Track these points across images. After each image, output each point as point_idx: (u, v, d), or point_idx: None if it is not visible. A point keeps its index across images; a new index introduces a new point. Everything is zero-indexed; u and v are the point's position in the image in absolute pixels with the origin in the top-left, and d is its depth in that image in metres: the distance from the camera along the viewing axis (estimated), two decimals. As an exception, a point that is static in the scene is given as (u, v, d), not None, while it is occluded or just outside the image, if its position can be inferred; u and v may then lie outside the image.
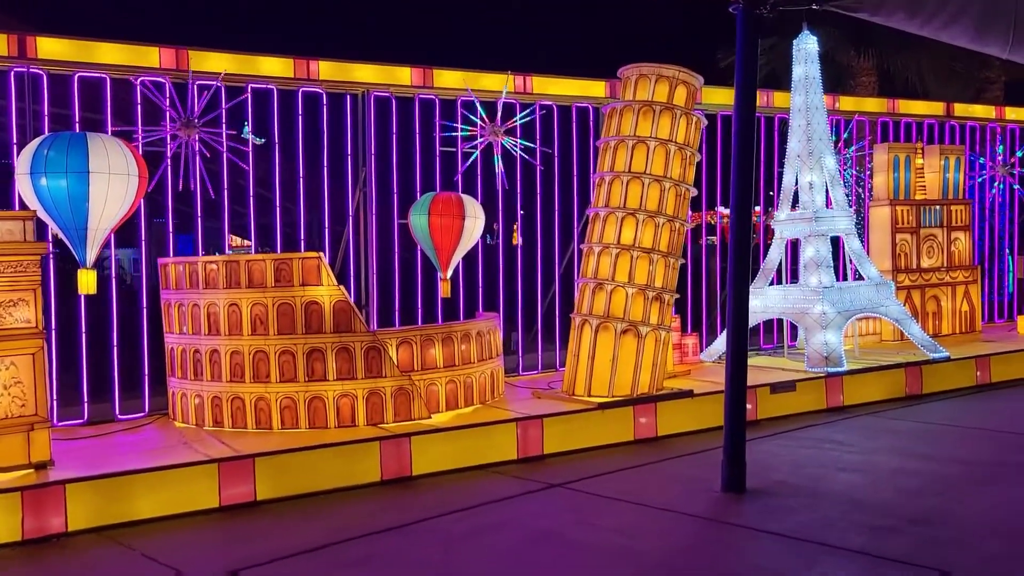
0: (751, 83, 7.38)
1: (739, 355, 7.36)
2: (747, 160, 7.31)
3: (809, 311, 11.52)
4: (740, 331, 7.40)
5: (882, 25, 17.09)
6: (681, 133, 9.75)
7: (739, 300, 7.38)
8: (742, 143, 7.33)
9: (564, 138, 11.89)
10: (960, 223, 15.06)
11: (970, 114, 16.08)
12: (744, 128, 7.33)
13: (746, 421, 7.53)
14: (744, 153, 7.32)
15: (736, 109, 7.37)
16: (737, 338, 7.38)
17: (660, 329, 9.77)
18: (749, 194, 7.43)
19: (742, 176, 7.29)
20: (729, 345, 7.46)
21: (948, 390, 11.70)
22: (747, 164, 7.31)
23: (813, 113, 12.07)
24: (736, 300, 7.37)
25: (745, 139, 7.32)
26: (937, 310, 14.77)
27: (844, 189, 14.13)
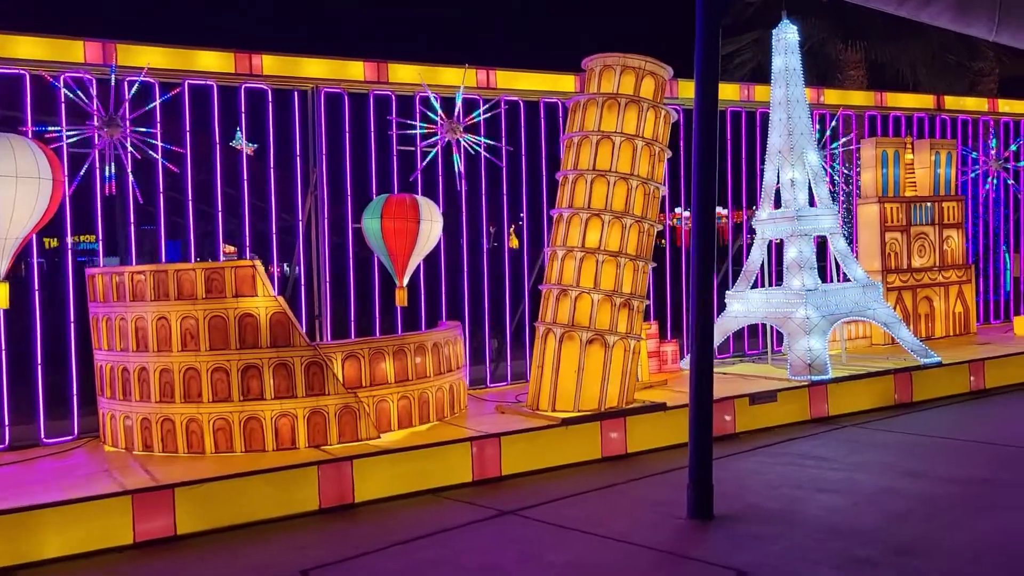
0: (711, 73, 6.75)
1: (703, 368, 6.72)
2: (709, 157, 6.67)
3: (792, 315, 10.87)
4: (704, 341, 6.75)
5: (870, 15, 16.49)
6: (649, 127, 9.11)
7: (702, 307, 6.74)
8: (703, 139, 6.70)
9: (532, 135, 11.26)
10: (953, 220, 14.42)
11: (962, 107, 15.45)
12: (705, 122, 6.70)
13: (712, 440, 6.85)
14: (706, 150, 6.68)
15: (697, 102, 6.74)
16: (701, 349, 6.74)
17: (629, 338, 9.12)
18: (712, 193, 6.79)
19: (704, 173, 6.65)
20: (692, 357, 6.81)
21: (940, 397, 11.06)
22: (709, 161, 6.67)
23: (794, 106, 11.43)
24: (699, 308, 6.73)
25: (706, 134, 6.69)
26: (930, 312, 14.14)
27: (829, 186, 13.53)
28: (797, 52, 11.58)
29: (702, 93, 6.70)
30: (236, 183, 9.70)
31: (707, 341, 6.80)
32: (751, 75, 18.68)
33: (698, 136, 6.68)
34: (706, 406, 6.78)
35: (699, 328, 6.73)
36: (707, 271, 6.74)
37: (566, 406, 8.84)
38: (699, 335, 6.73)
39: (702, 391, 6.74)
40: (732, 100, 12.93)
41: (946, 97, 15.27)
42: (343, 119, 10.02)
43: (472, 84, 10.53)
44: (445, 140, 10.00)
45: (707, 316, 6.81)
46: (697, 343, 6.75)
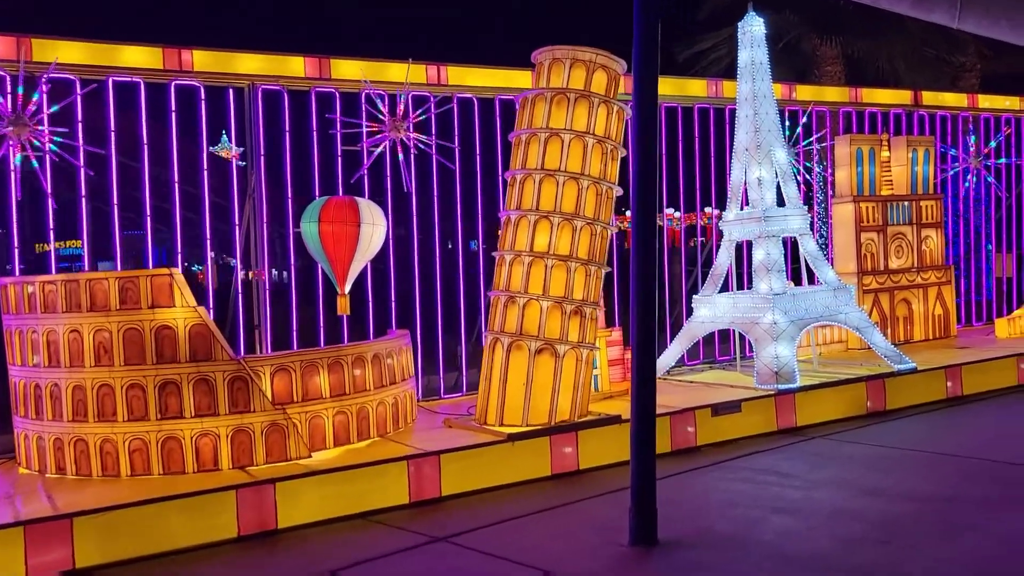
0: (649, 71, 6.26)
1: (644, 380, 6.23)
2: (648, 158, 6.18)
3: (759, 321, 10.39)
4: (645, 352, 6.25)
5: (845, 8, 16.00)
6: (600, 124, 8.62)
7: (644, 314, 6.24)
8: (642, 139, 6.22)
9: (487, 134, 10.76)
10: (931, 220, 13.96)
11: (940, 103, 14.99)
12: (644, 121, 6.21)
13: (655, 459, 6.36)
14: (645, 150, 6.19)
15: (635, 95, 6.25)
16: (642, 361, 6.24)
17: (582, 347, 8.63)
18: (652, 195, 6.29)
19: (644, 175, 6.17)
20: (634, 368, 6.32)
21: (915, 405, 10.58)
22: (649, 162, 6.18)
23: (761, 102, 10.95)
24: (640, 314, 6.23)
25: (645, 134, 6.21)
26: (908, 314, 13.67)
27: (802, 186, 13.06)
28: (764, 45, 11.11)
29: (640, 91, 6.21)
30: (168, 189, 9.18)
31: (648, 348, 6.29)
32: (726, 71, 18.19)
33: (636, 136, 6.19)
34: (648, 422, 6.30)
35: (640, 334, 6.23)
36: (648, 275, 6.25)
37: (514, 420, 8.33)
38: (640, 341, 6.24)
39: (644, 405, 6.26)
40: (700, 96, 12.46)
41: (924, 92, 14.81)
42: (282, 118, 9.51)
43: (421, 80, 10.03)
44: (390, 139, 9.47)
45: (648, 321, 6.31)
46: (638, 351, 6.25)
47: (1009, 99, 15.92)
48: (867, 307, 13.14)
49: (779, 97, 13.06)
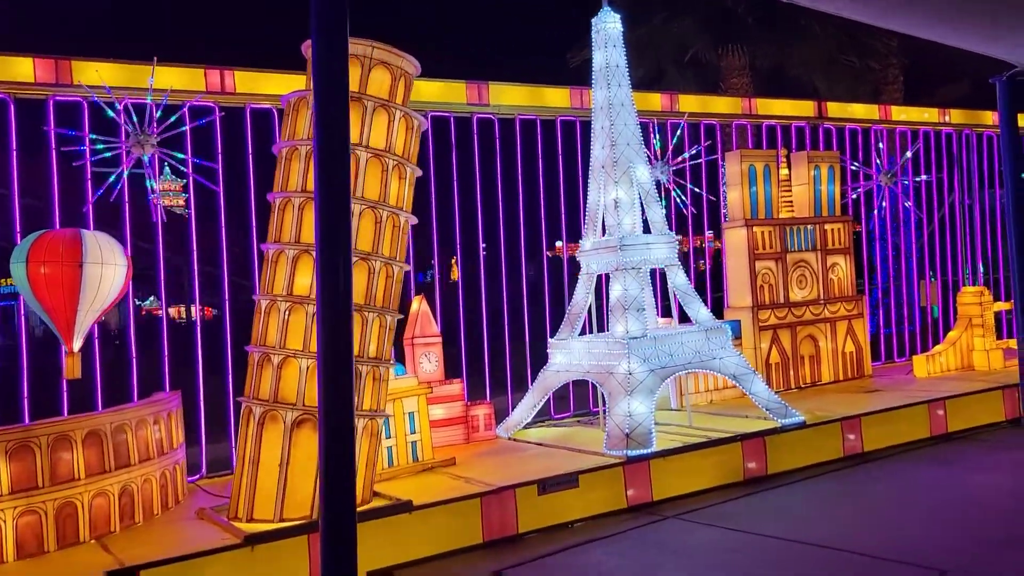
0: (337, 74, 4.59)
1: (336, 452, 4.48)
2: (337, 187, 4.48)
3: (614, 370, 8.66)
4: (336, 414, 4.51)
5: (743, 12, 14.44)
6: (379, 134, 6.86)
7: (334, 370, 4.49)
8: (325, 162, 4.53)
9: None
10: (838, 245, 12.39)
11: (848, 114, 13.49)
12: (327, 140, 4.54)
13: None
14: (330, 179, 4.50)
15: (316, 123, 4.57)
16: (331, 421, 4.50)
17: (375, 416, 6.84)
18: (344, 228, 4.59)
19: (329, 208, 4.46)
20: (321, 437, 4.57)
21: (804, 467, 8.88)
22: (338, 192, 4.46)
23: (618, 111, 9.30)
24: (329, 370, 4.49)
25: (329, 158, 4.52)
26: (815, 353, 12.04)
27: (687, 207, 11.43)
28: (621, 45, 9.47)
29: (321, 110, 4.54)
30: None
31: (342, 414, 4.55)
32: (635, 84, 16.65)
33: (319, 155, 4.49)
34: (341, 515, 4.54)
35: (329, 396, 4.50)
36: (342, 322, 4.53)
37: (265, 514, 6.49)
38: (328, 405, 4.51)
39: (333, 492, 4.50)
40: (562, 108, 10.80)
41: (829, 103, 13.29)
42: (9, 132, 7.69)
43: (198, 87, 8.26)
44: (132, 157, 7.65)
45: (342, 381, 4.58)
46: (326, 417, 4.53)
47: (928, 111, 14.50)
48: (765, 346, 11.51)
49: (659, 109, 11.53)
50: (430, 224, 9.94)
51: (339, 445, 4.57)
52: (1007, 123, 9.57)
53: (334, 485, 4.55)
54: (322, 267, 4.58)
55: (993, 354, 12.37)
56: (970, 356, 12.54)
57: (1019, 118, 15.48)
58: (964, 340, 12.54)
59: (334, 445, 4.55)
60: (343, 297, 4.62)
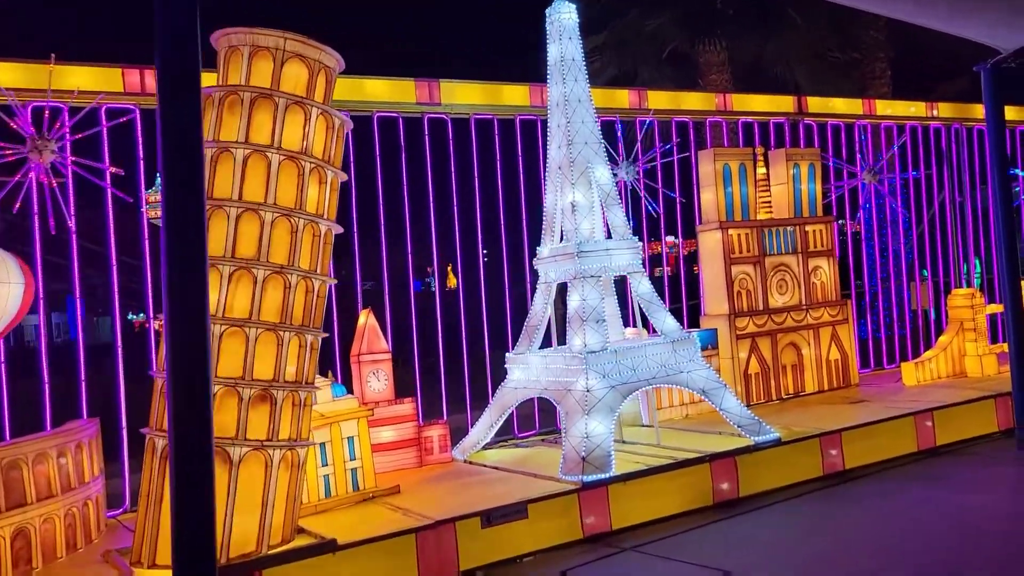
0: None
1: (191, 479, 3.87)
2: (189, 193, 3.83)
3: (572, 387, 8.02)
4: (188, 448, 3.89)
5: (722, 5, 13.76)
6: (294, 135, 6.22)
7: (183, 393, 3.87)
8: (171, 164, 3.87)
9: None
10: (821, 247, 11.73)
11: (830, 109, 12.84)
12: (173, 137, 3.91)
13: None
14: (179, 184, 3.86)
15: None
16: (183, 461, 3.87)
17: (295, 445, 6.19)
18: (200, 243, 3.94)
19: (180, 216, 3.80)
20: (172, 464, 3.94)
21: (781, 487, 8.23)
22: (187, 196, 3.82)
23: (575, 108, 8.67)
24: (177, 395, 3.88)
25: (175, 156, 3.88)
26: (797, 361, 11.38)
27: (656, 210, 10.78)
28: (577, 37, 8.85)
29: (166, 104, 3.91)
30: None
31: (196, 450, 3.93)
32: (610, 84, 16.04)
33: (162, 150, 3.86)
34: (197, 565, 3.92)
35: (181, 431, 3.88)
36: (194, 345, 3.91)
37: (169, 559, 5.84)
38: (180, 441, 3.89)
39: (185, 540, 3.88)
40: (521, 106, 10.16)
41: (809, 98, 12.65)
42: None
43: (103, 88, 7.62)
44: (34, 164, 6.99)
45: (196, 411, 3.95)
46: (176, 453, 3.90)
47: (914, 104, 13.84)
48: (744, 356, 10.86)
49: (627, 106, 10.90)
50: (378, 232, 9.32)
51: (192, 489, 3.92)
52: (992, 114, 8.95)
53: (187, 533, 3.91)
54: (169, 280, 3.95)
55: (986, 359, 11.70)
56: (962, 362, 11.88)
57: (1011, 111, 14.97)
58: (955, 345, 11.88)
59: (187, 490, 3.90)
60: (195, 315, 3.99)
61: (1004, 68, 8.94)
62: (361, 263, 9.25)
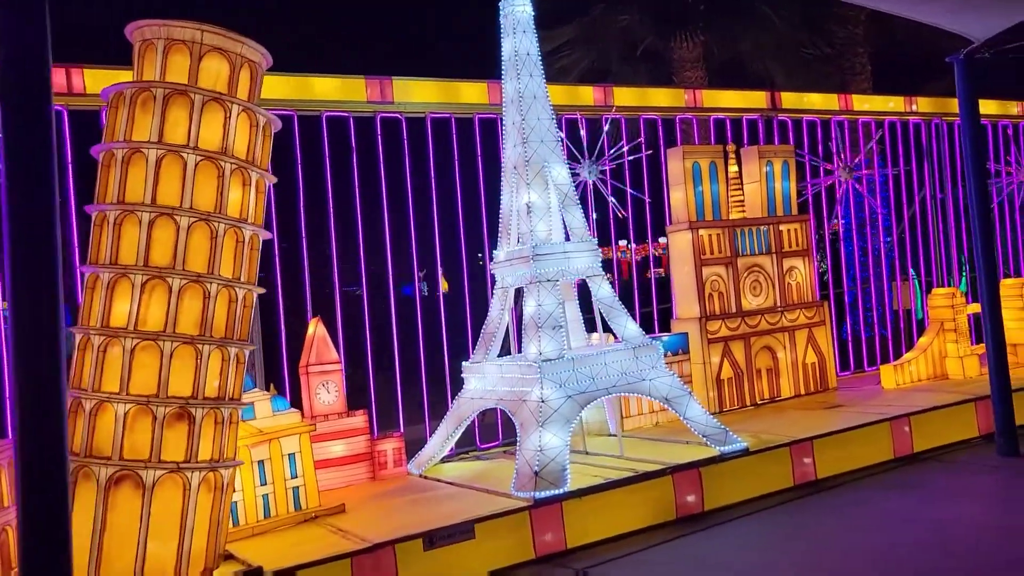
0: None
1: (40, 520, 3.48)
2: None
3: (527, 397, 7.62)
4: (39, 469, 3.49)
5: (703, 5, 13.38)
6: (213, 134, 5.82)
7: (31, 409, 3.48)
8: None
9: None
10: (797, 246, 11.35)
11: (805, 105, 12.48)
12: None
13: None
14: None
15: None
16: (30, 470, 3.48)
17: (217, 467, 5.78)
18: (52, 254, 3.53)
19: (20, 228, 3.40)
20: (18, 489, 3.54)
21: (749, 499, 7.84)
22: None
23: (530, 105, 8.28)
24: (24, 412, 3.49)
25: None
26: (772, 366, 10.99)
27: (620, 210, 10.39)
28: (532, 31, 8.46)
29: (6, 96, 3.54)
30: None
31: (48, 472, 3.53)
32: (582, 79, 15.67)
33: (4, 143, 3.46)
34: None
35: (27, 450, 3.49)
36: (45, 360, 3.50)
37: (85, 593, 5.43)
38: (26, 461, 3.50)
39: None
40: (480, 104, 9.76)
41: (783, 93, 12.28)
42: None
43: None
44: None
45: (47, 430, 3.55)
46: (23, 475, 3.51)
47: (893, 99, 13.48)
48: (716, 360, 10.47)
49: (592, 103, 10.52)
50: (328, 235, 8.92)
51: (45, 520, 3.51)
52: (967, 107, 8.58)
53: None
54: (13, 290, 3.54)
55: (968, 360, 11.33)
56: (943, 363, 11.51)
57: (994, 105, 14.63)
58: (936, 346, 11.51)
59: (37, 522, 3.49)
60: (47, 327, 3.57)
61: (978, 59, 8.58)
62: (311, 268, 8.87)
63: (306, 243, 8.74)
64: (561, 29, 15.57)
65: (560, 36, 15.58)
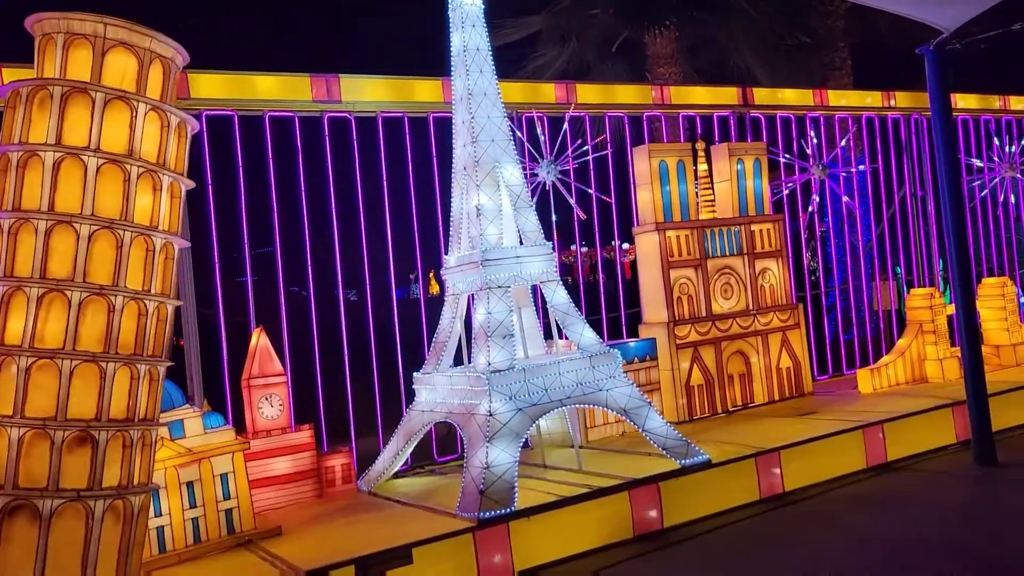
0: None
1: None
2: None
3: (475, 410, 7.22)
4: None
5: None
6: (117, 137, 5.40)
7: None
8: None
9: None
10: (769, 247, 10.97)
11: (778, 101, 12.10)
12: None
13: None
14: None
15: None
16: None
17: (124, 493, 5.36)
18: None
19: None
20: None
21: (711, 515, 7.44)
22: None
23: (480, 102, 7.88)
24: None
25: None
26: (745, 371, 10.61)
27: (578, 213, 9.98)
28: (482, 25, 8.06)
29: None
30: None
31: None
32: (559, 78, 15.25)
33: None
34: None
35: None
36: None
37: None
38: None
39: None
40: (435, 103, 9.35)
41: (756, 89, 11.89)
42: None
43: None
44: None
45: None
46: None
47: (870, 94, 13.12)
48: (686, 366, 10.08)
49: (554, 100, 10.14)
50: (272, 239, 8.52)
51: None
52: (938, 99, 8.20)
53: None
54: None
55: (947, 363, 10.96)
56: (922, 366, 11.13)
57: (973, 99, 14.26)
58: (915, 348, 11.13)
59: None
60: None
61: (949, 50, 8.20)
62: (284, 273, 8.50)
63: (248, 249, 8.34)
64: (529, 19, 15.15)
65: (528, 26, 15.15)
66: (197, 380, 7.97)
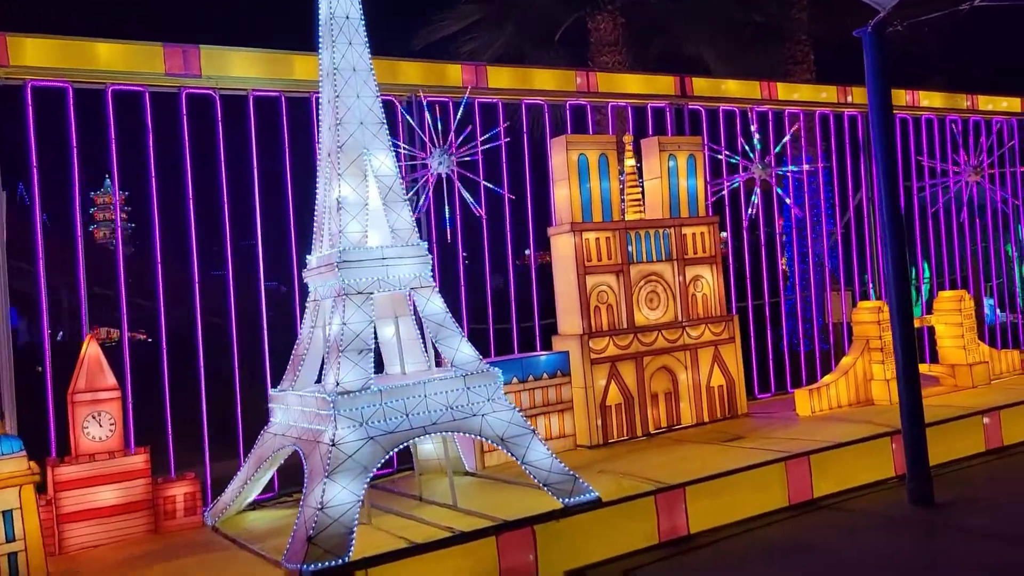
0: None
1: None
2: None
3: (320, 437, 6.16)
4: None
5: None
6: None
7: None
8: None
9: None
10: (702, 252, 9.93)
11: (720, 93, 11.06)
12: None
13: None
14: None
15: None
16: None
17: None
18: None
19: None
20: None
21: (597, 563, 6.41)
22: None
23: (347, 79, 6.81)
24: None
25: None
26: (672, 389, 9.58)
27: (476, 208, 8.93)
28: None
29: None
30: None
31: None
32: (496, 59, 14.20)
33: None
34: None
35: None
36: None
37: None
38: None
39: None
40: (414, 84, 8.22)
41: (695, 79, 10.85)
42: None
43: None
44: None
45: None
46: None
47: (826, 89, 12.11)
48: (602, 383, 9.04)
49: (460, 84, 9.10)
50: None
51: None
52: (876, 86, 7.20)
53: None
54: None
55: (895, 384, 9.92)
56: (868, 387, 10.13)
57: (939, 97, 13.27)
58: (860, 367, 10.12)
59: None
60: None
61: (890, 32, 7.19)
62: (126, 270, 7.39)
63: (82, 243, 7.25)
64: (467, 7, 14.09)
65: (466, 15, 14.10)
66: (8, 395, 6.87)
